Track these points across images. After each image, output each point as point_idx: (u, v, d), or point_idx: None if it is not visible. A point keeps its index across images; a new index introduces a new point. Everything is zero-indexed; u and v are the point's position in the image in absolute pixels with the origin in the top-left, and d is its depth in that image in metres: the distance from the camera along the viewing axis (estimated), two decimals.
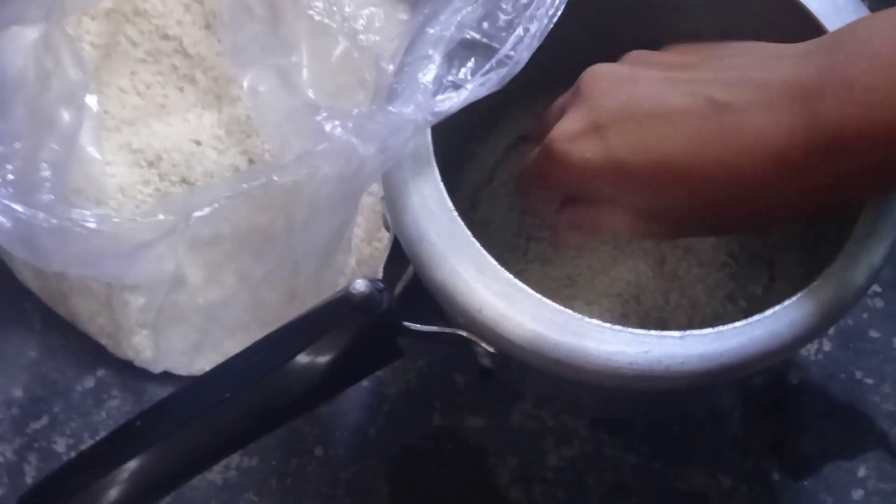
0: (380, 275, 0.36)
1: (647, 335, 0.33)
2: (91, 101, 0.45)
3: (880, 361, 0.49)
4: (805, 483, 0.47)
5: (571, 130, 0.34)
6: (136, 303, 0.46)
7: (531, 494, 0.47)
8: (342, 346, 0.34)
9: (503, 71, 0.37)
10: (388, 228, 0.38)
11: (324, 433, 0.48)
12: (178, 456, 0.33)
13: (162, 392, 0.48)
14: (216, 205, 0.35)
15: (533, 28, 0.38)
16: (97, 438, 0.48)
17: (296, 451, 0.47)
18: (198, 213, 0.35)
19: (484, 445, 0.48)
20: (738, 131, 0.31)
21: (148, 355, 0.47)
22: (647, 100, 0.33)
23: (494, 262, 0.34)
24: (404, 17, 0.48)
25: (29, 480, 0.47)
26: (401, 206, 0.36)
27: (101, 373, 0.49)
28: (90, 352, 0.49)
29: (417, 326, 0.35)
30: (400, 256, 0.37)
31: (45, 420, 0.48)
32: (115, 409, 0.48)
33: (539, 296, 0.33)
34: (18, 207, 0.32)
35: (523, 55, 0.37)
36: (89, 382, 0.49)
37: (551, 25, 0.38)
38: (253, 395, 0.34)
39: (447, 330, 0.35)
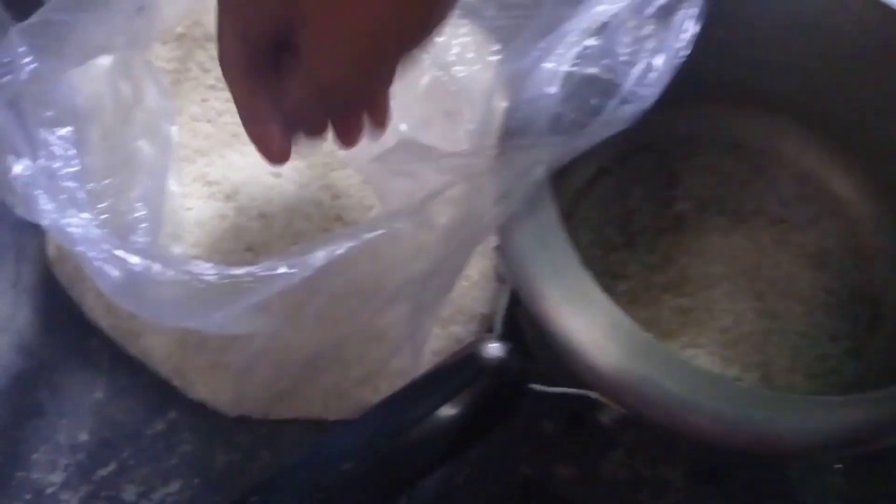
0: (497, 329, 0.34)
1: (810, 401, 0.30)
2: (173, 131, 0.43)
3: None
4: None
5: None
6: (213, 343, 0.44)
7: None
8: (467, 412, 0.32)
9: (629, 108, 0.35)
10: (502, 280, 0.35)
11: None
12: None
13: (238, 436, 0.46)
14: (336, 255, 0.33)
15: (658, 62, 0.35)
16: (169, 485, 0.45)
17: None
18: (318, 265, 0.32)
19: (574, 497, 0.45)
20: None
21: (224, 399, 0.45)
22: None
23: (630, 320, 0.32)
24: (496, 48, 0.46)
25: None
26: (521, 259, 0.33)
27: (172, 415, 0.47)
28: (160, 392, 0.47)
29: (543, 388, 0.33)
30: (511, 307, 0.35)
31: (113, 466, 0.46)
32: (188, 454, 0.46)
33: (682, 357, 0.31)
34: (134, 259, 0.29)
35: (651, 91, 0.35)
36: (160, 425, 0.46)
37: (680, 60, 0.35)
38: (374, 467, 0.31)
39: (577, 392, 0.33)
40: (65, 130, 0.31)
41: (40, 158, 0.30)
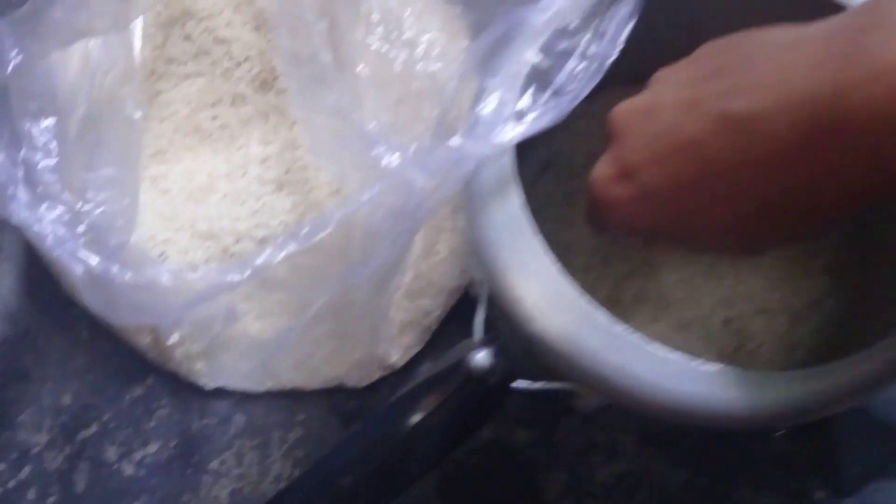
0: (479, 334, 0.36)
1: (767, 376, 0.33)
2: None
3: None
4: (848, 502, 0.47)
5: (606, 175, 0.35)
6: (183, 332, 0.46)
7: None
8: (455, 417, 0.34)
9: (563, 101, 0.36)
10: (480, 285, 0.37)
11: None
12: None
13: (214, 403, 0.48)
14: (282, 256, 0.35)
15: (592, 55, 0.37)
16: (148, 447, 0.48)
17: None
18: (262, 264, 0.34)
19: (533, 459, 0.48)
20: (750, 141, 0.31)
21: (198, 373, 0.47)
22: (668, 133, 0.33)
23: (606, 316, 0.34)
24: (465, 43, 0.48)
25: (79, 490, 0.47)
26: (495, 265, 0.35)
27: (150, 381, 0.49)
28: (139, 359, 0.49)
29: (525, 386, 0.35)
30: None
31: (94, 428, 0.48)
32: (166, 417, 0.48)
33: (659, 346, 0.33)
34: (93, 261, 0.31)
35: (583, 87, 0.36)
36: (139, 390, 0.49)
37: (610, 60, 0.37)
38: (371, 478, 0.33)
39: (557, 386, 0.35)
40: (47, 122, 0.32)
41: (23, 150, 0.31)
